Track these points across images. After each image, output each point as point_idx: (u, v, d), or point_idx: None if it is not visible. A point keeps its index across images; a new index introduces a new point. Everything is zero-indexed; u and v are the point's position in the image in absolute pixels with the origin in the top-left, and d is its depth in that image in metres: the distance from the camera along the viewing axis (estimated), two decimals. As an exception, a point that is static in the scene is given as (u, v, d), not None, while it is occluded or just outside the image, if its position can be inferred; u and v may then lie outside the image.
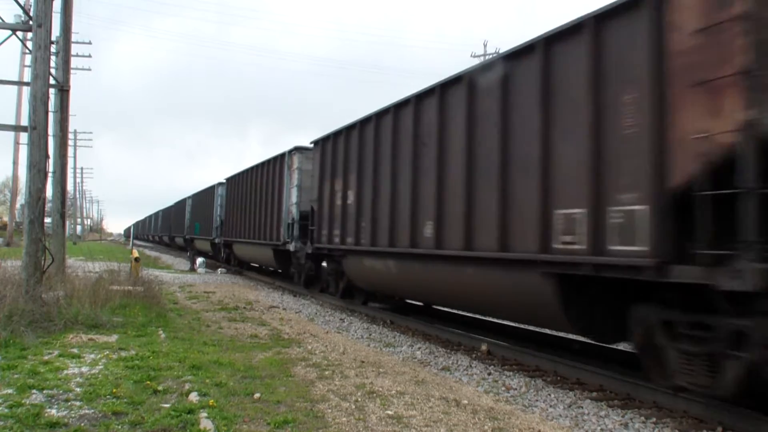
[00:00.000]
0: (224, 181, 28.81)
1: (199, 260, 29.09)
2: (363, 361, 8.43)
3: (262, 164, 21.67)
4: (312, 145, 16.39)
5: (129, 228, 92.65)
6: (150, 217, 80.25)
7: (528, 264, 7.63)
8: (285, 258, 19.14)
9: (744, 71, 5.22)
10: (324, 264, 16.07)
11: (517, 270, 7.89)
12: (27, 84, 12.17)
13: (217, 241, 29.57)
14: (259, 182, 21.84)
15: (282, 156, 19.19)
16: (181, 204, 43.60)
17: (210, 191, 31.37)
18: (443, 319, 12.83)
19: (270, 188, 20.25)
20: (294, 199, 17.96)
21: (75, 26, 16.10)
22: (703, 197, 5.46)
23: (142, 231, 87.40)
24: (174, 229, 47.36)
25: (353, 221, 13.07)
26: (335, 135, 14.54)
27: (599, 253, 6.53)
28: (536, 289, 7.57)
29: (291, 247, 17.98)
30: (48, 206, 13.09)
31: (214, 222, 29.74)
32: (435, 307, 14.09)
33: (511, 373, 8.31)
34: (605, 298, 7.16)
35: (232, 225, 26.10)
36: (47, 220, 13.31)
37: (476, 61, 42.77)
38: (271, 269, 23.53)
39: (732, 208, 5.24)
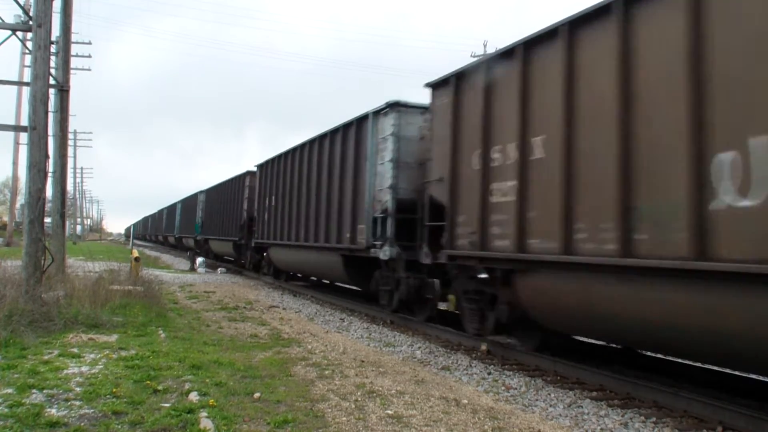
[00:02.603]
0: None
1: (199, 260, 29.15)
2: (363, 361, 8.43)
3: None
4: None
5: (129, 228, 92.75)
6: (147, 218, 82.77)
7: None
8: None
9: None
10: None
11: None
12: (27, 84, 12.17)
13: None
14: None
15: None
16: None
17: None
18: (443, 319, 12.81)
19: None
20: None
21: (74, 26, 16.12)
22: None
23: (140, 231, 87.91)
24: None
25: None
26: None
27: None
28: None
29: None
30: (48, 206, 13.09)
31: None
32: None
33: (511, 372, 8.31)
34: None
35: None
36: (47, 220, 13.31)
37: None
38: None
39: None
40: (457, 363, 8.83)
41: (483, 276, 8.98)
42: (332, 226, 14.46)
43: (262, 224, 21.47)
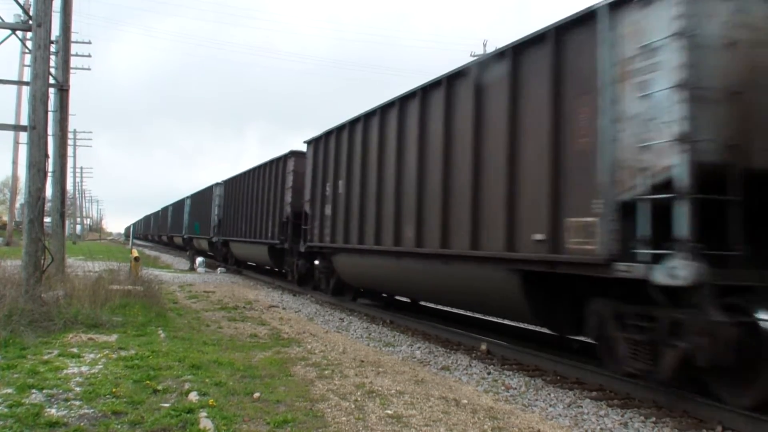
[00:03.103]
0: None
1: (199, 260, 29.10)
2: (362, 361, 8.43)
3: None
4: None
5: (129, 227, 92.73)
6: (149, 216, 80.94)
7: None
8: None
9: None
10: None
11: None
12: (27, 84, 12.17)
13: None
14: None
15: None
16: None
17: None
18: (443, 319, 12.83)
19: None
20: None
21: (74, 26, 16.09)
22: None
23: (140, 231, 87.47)
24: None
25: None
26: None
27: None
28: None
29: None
30: (48, 206, 13.08)
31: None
32: (423, 303, 14.49)
33: (510, 372, 8.31)
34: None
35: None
36: (47, 219, 13.29)
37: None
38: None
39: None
40: (457, 363, 8.83)
41: None
42: (488, 221, 8.66)
43: (320, 221, 15.22)
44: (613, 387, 7.24)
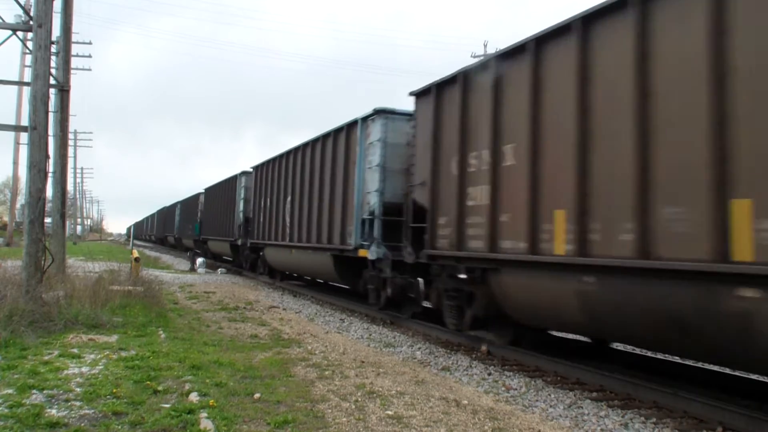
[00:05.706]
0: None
1: (199, 260, 29.14)
2: (363, 361, 8.43)
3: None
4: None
5: (130, 227, 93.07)
6: (146, 218, 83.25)
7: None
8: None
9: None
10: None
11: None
12: (27, 84, 12.17)
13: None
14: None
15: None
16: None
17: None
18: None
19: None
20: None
21: (75, 26, 16.08)
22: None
23: (140, 231, 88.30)
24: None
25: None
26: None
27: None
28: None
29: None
30: (48, 206, 13.09)
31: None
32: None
33: (511, 373, 8.31)
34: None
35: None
36: (47, 220, 13.31)
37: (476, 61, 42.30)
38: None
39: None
40: (457, 363, 8.83)
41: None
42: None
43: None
44: (614, 387, 7.25)
